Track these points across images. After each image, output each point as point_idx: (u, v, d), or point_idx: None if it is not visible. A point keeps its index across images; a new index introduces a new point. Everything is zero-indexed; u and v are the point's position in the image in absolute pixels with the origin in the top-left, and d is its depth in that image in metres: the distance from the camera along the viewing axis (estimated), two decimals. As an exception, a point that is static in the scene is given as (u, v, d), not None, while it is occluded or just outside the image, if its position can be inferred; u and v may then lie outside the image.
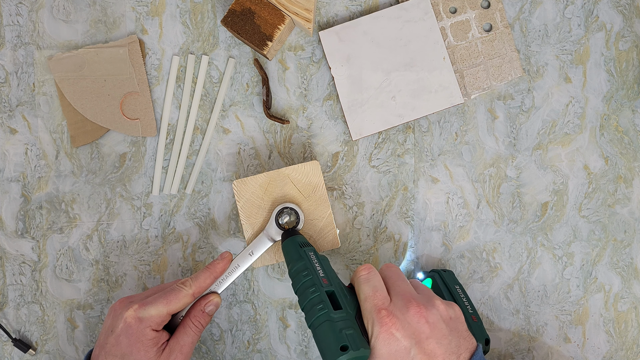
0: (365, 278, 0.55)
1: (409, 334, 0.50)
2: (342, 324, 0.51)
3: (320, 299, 0.53)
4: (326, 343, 0.51)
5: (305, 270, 0.56)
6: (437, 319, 0.51)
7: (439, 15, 0.68)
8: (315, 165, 0.65)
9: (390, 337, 0.50)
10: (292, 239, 0.60)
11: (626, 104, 0.69)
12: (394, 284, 0.54)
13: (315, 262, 0.57)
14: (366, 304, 0.53)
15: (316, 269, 0.56)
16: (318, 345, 0.52)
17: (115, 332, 0.56)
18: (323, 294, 0.53)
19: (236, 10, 0.65)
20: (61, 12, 0.69)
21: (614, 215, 0.69)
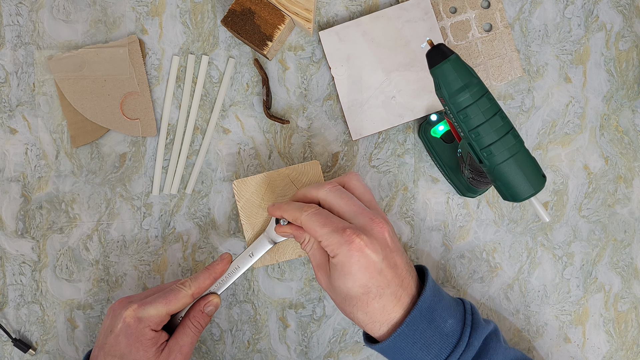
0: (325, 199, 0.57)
1: (376, 249, 0.53)
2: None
3: (510, 125, 0.49)
4: (528, 171, 0.50)
5: (485, 92, 0.49)
6: (394, 233, 0.56)
7: (439, 15, 0.68)
8: (315, 165, 0.65)
9: (361, 254, 0.52)
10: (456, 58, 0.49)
11: (626, 104, 0.69)
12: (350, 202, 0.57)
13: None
14: (327, 228, 0.54)
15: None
16: (511, 178, 0.50)
17: (114, 332, 0.56)
18: (508, 121, 0.50)
19: (236, 10, 0.65)
20: (61, 12, 0.69)
21: (614, 215, 0.69)
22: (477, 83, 0.49)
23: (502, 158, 0.49)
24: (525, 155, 0.50)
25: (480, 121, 0.49)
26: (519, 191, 0.50)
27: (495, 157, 0.50)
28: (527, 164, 0.50)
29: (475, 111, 0.49)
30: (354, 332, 0.70)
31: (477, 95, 0.49)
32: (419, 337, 0.53)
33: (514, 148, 0.49)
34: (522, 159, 0.50)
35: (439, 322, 0.54)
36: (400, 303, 0.54)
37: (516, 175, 0.50)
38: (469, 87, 0.49)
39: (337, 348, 0.70)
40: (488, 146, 0.49)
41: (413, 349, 0.54)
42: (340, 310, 0.56)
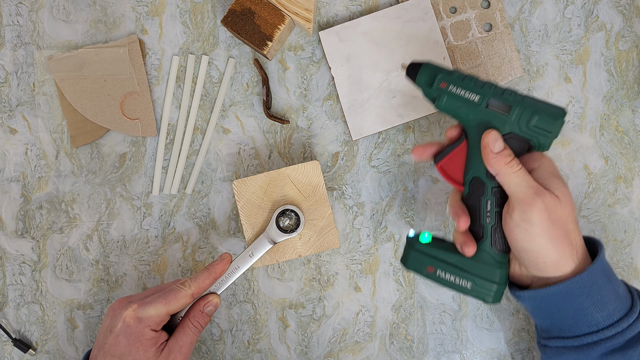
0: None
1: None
2: None
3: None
4: (544, 104, 0.52)
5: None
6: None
7: (439, 15, 0.68)
8: (315, 165, 0.65)
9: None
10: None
11: (626, 104, 0.69)
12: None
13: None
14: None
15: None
16: (539, 105, 0.51)
17: (114, 331, 0.56)
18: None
19: (236, 10, 0.65)
20: (61, 12, 0.69)
21: (614, 215, 0.69)
22: (455, 70, 0.55)
23: (520, 94, 0.52)
24: (531, 97, 0.53)
25: (482, 79, 0.54)
26: (553, 115, 0.50)
27: (514, 94, 0.52)
28: (539, 100, 0.52)
29: (471, 79, 0.54)
30: (354, 332, 0.70)
31: (460, 73, 0.55)
32: (596, 292, 0.51)
33: (518, 94, 0.53)
34: (532, 98, 0.52)
35: (614, 283, 0.53)
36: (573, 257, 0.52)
37: (539, 103, 0.51)
38: (450, 72, 0.55)
39: (337, 348, 0.70)
40: (502, 90, 0.52)
41: (585, 302, 0.51)
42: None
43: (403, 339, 0.70)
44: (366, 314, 0.70)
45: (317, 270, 0.70)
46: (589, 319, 0.51)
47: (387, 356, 0.70)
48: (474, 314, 0.69)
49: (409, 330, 0.70)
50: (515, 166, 0.52)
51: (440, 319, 0.70)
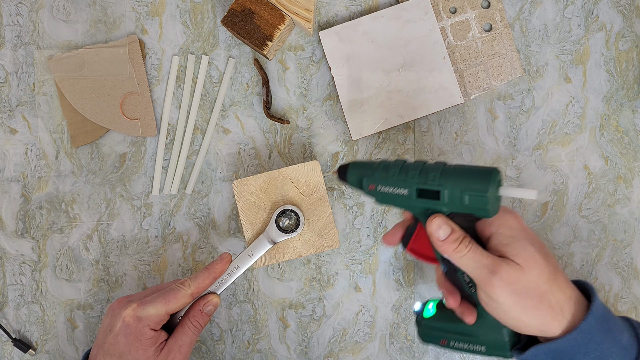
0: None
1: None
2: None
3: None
4: (472, 170, 0.49)
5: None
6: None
7: (439, 15, 0.68)
8: (315, 165, 0.65)
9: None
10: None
11: (626, 104, 0.69)
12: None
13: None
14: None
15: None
16: (465, 178, 0.49)
17: (114, 331, 0.56)
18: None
19: (236, 10, 0.65)
20: (61, 12, 0.69)
21: (614, 215, 0.69)
22: (380, 161, 0.54)
23: (447, 169, 0.50)
24: (457, 171, 0.50)
25: (416, 166, 0.52)
26: (481, 188, 0.48)
27: (439, 174, 0.50)
28: (466, 171, 0.50)
29: (395, 171, 0.52)
30: (354, 332, 0.70)
31: (384, 167, 0.53)
32: (594, 348, 0.48)
33: (445, 170, 0.51)
34: (458, 172, 0.50)
35: (615, 333, 0.49)
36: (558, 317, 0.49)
37: (466, 176, 0.49)
38: (374, 170, 0.54)
39: (337, 348, 0.70)
40: (432, 173, 0.50)
41: (584, 359, 0.48)
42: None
43: (403, 339, 0.70)
44: (366, 314, 0.70)
45: (317, 270, 0.70)
46: None
47: (387, 356, 0.70)
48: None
49: (409, 330, 0.70)
50: (463, 250, 0.49)
51: (440, 319, 0.70)
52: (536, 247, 0.50)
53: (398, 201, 0.53)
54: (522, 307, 0.48)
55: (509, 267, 0.48)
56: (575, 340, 0.48)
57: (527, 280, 0.48)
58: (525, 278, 0.48)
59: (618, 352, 0.48)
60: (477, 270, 0.49)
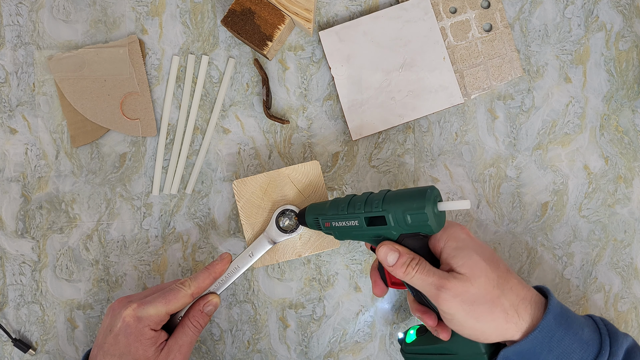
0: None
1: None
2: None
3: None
4: (409, 193, 0.52)
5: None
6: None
7: (439, 15, 0.68)
8: (315, 165, 0.65)
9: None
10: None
11: (626, 104, 0.69)
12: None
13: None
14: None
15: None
16: (405, 201, 0.51)
17: (114, 331, 0.56)
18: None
19: (236, 10, 0.65)
20: (61, 12, 0.69)
21: (614, 215, 0.69)
22: (333, 200, 0.58)
23: (389, 195, 0.53)
24: (397, 193, 0.53)
25: (362, 197, 0.55)
26: (419, 206, 0.50)
27: (381, 200, 0.53)
28: (405, 193, 0.52)
29: (344, 206, 0.56)
30: (354, 332, 0.70)
31: (334, 204, 0.57)
32: (556, 344, 0.49)
33: (387, 196, 0.53)
34: (398, 195, 0.53)
35: (576, 328, 0.50)
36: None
37: (405, 197, 0.51)
38: (326, 209, 0.57)
39: (337, 348, 0.70)
40: (375, 201, 0.53)
41: (549, 356, 0.49)
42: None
43: (403, 339, 0.70)
44: (366, 314, 0.70)
45: (317, 270, 0.70)
46: None
47: (387, 356, 0.70)
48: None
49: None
50: (411, 272, 0.51)
51: (440, 319, 0.70)
52: (482, 255, 0.51)
53: (353, 233, 0.55)
54: (474, 315, 0.49)
55: (455, 280, 0.49)
56: (537, 340, 0.49)
57: (475, 289, 0.49)
58: (473, 287, 0.49)
59: (580, 347, 0.49)
60: (427, 288, 0.51)
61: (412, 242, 0.53)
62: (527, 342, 0.49)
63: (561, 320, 0.50)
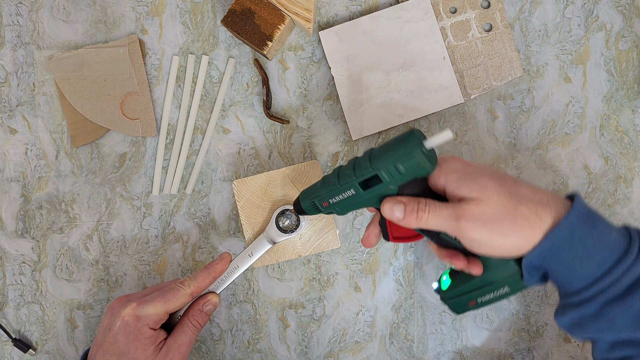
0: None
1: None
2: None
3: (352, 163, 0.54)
4: (393, 144, 0.50)
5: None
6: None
7: (439, 15, 0.68)
8: (315, 165, 0.65)
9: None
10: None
11: (626, 104, 0.69)
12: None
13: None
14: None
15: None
16: (391, 152, 0.50)
17: (113, 330, 0.56)
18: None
19: (236, 10, 0.65)
20: (61, 12, 0.69)
21: (614, 215, 0.69)
22: (320, 179, 0.56)
23: (374, 153, 0.52)
24: (382, 149, 0.52)
25: (349, 165, 0.54)
26: (407, 149, 0.49)
27: (367, 161, 0.52)
28: (388, 144, 0.51)
29: (334, 181, 0.54)
30: (354, 332, 0.70)
31: (325, 182, 0.56)
32: (578, 243, 0.47)
33: (372, 155, 0.52)
34: (383, 149, 0.51)
35: (602, 229, 0.48)
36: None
37: (391, 148, 0.50)
38: (319, 189, 0.56)
39: (337, 348, 0.70)
40: (363, 164, 0.52)
41: (569, 255, 0.48)
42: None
43: (403, 339, 0.70)
44: (366, 314, 0.70)
45: (317, 270, 0.70)
46: (579, 273, 0.48)
47: (387, 356, 0.70)
48: (474, 314, 0.69)
49: (409, 330, 0.70)
50: (424, 215, 0.50)
51: (440, 319, 0.70)
52: (486, 175, 0.50)
53: (353, 203, 0.54)
54: (500, 232, 0.48)
55: (469, 206, 0.49)
56: (557, 237, 0.47)
57: (491, 207, 0.48)
58: (489, 206, 0.48)
59: (603, 246, 0.47)
60: (445, 224, 0.50)
61: (413, 190, 0.52)
62: (547, 241, 0.48)
63: (586, 220, 0.48)
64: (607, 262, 0.47)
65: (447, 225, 0.50)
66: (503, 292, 0.54)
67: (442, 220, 0.50)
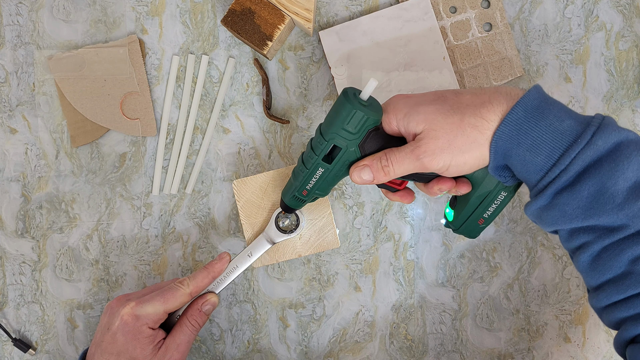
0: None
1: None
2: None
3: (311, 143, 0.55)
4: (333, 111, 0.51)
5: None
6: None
7: (439, 15, 0.68)
8: (315, 165, 0.65)
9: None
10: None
11: (626, 103, 0.69)
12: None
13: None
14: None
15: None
16: (333, 115, 0.51)
17: (112, 329, 0.56)
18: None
19: (236, 10, 0.65)
20: (61, 12, 0.69)
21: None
22: (295, 173, 0.57)
23: (323, 125, 0.52)
24: (327, 119, 0.52)
25: (307, 147, 0.54)
26: (347, 110, 0.50)
27: (319, 134, 0.52)
28: (332, 113, 0.52)
29: (303, 167, 0.55)
30: (354, 332, 0.70)
31: (298, 172, 0.56)
32: (524, 137, 0.46)
33: (322, 128, 0.53)
34: (329, 119, 0.52)
35: (552, 119, 0.46)
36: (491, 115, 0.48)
37: (335, 114, 0.51)
38: (293, 181, 0.57)
39: (337, 348, 0.70)
40: (317, 140, 0.53)
41: (519, 150, 0.47)
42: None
43: (403, 339, 0.70)
44: (366, 313, 0.70)
45: (317, 270, 0.70)
46: (532, 165, 0.47)
47: (387, 356, 0.70)
48: (474, 313, 0.69)
49: (409, 330, 0.70)
50: (390, 168, 0.51)
51: (440, 318, 0.70)
52: (428, 100, 0.50)
53: (328, 180, 0.55)
54: (459, 151, 0.48)
55: (422, 140, 0.49)
56: (505, 134, 0.47)
57: (441, 132, 0.48)
58: (438, 132, 0.49)
59: (552, 137, 0.46)
60: (411, 167, 0.50)
61: (373, 144, 0.52)
62: (496, 140, 0.48)
63: (534, 111, 0.47)
64: (556, 152, 0.46)
65: (413, 167, 0.50)
66: (502, 198, 0.55)
67: (407, 166, 0.50)
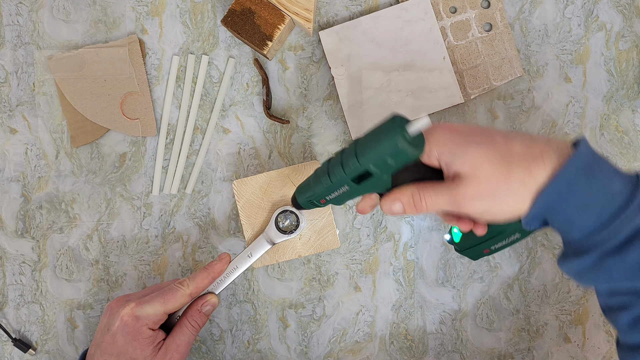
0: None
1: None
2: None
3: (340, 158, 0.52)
4: (375, 133, 0.48)
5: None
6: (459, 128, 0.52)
7: (439, 15, 0.68)
8: (315, 165, 0.65)
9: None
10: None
11: (626, 103, 0.69)
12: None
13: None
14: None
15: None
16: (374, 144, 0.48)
17: (112, 330, 0.56)
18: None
19: (236, 10, 0.65)
20: (61, 12, 0.69)
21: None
22: (313, 174, 0.55)
23: (358, 145, 0.50)
24: (366, 140, 0.50)
25: (337, 161, 0.52)
26: (392, 143, 0.47)
27: (353, 155, 0.50)
28: (372, 134, 0.49)
29: (326, 178, 0.53)
30: (354, 332, 0.70)
31: (317, 179, 0.54)
32: (574, 196, 0.45)
33: (358, 149, 0.50)
34: (367, 142, 0.49)
35: (602, 179, 0.46)
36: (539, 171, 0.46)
37: (375, 139, 0.48)
38: (313, 187, 0.55)
39: (337, 348, 0.70)
40: (350, 160, 0.50)
41: (566, 208, 0.46)
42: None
43: (403, 339, 0.70)
44: (366, 313, 0.70)
45: (317, 270, 0.70)
46: (577, 224, 0.46)
47: (387, 356, 0.70)
48: (474, 313, 0.69)
49: (409, 330, 0.70)
50: (422, 205, 0.49)
51: (440, 319, 0.70)
52: (474, 142, 0.48)
53: (349, 196, 0.53)
54: (498, 201, 0.47)
55: (464, 185, 0.47)
56: (555, 191, 0.46)
57: (485, 180, 0.47)
58: (482, 180, 0.47)
59: (603, 197, 0.45)
60: (446, 207, 0.49)
61: (407, 175, 0.51)
62: (545, 195, 0.46)
63: (585, 170, 0.46)
64: (605, 213, 0.45)
65: (448, 207, 0.49)
66: (514, 239, 0.54)
67: (441, 205, 0.49)
